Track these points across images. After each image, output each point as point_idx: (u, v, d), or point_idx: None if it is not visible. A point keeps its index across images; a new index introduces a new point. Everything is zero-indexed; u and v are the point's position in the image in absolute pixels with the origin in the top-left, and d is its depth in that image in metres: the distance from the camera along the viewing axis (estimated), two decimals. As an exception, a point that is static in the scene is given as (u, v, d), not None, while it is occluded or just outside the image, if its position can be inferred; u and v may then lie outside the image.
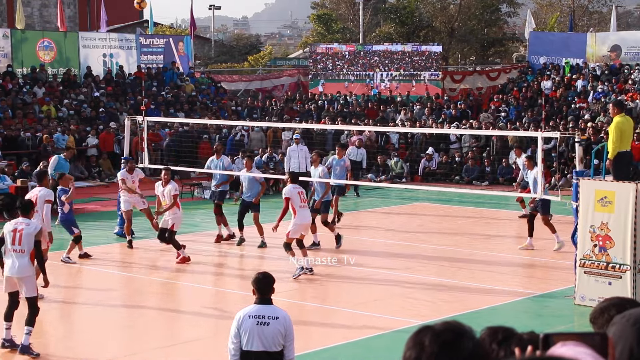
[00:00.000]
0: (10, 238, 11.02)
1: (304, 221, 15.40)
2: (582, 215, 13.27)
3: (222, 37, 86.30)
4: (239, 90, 42.96)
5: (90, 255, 17.08)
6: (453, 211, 23.99)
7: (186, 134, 31.52)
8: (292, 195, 15.27)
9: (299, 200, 15.26)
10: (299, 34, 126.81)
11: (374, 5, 55.05)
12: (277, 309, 7.62)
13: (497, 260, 17.10)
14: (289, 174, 16.51)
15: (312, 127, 30.69)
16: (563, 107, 33.27)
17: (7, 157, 26.60)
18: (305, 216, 15.48)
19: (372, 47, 43.47)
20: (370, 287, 15.11)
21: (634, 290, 12.76)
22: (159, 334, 12.59)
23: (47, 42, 35.16)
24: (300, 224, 15.30)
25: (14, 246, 10.98)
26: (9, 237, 11.04)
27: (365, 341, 11.79)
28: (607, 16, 50.03)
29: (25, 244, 10.95)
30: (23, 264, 10.92)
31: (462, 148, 31.41)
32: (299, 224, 15.26)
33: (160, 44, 39.24)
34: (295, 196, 15.26)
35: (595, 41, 37.50)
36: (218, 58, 61.46)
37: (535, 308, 13.66)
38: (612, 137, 13.64)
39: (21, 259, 10.92)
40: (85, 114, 32.46)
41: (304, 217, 15.41)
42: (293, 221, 15.28)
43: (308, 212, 15.77)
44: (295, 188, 15.40)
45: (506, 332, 2.95)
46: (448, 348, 2.50)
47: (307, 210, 15.76)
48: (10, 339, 11.25)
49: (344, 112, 36.19)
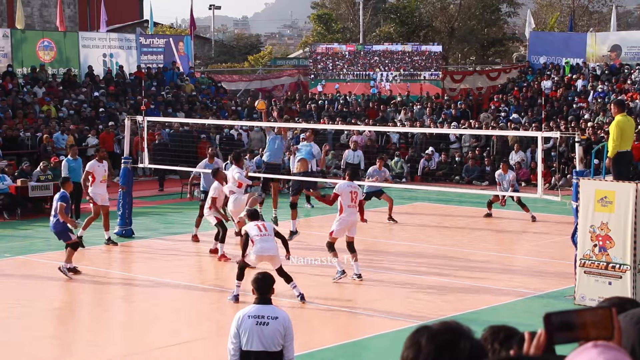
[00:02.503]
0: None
1: (349, 219, 15.01)
2: (582, 215, 13.26)
3: (222, 37, 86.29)
4: (239, 90, 42.96)
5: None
6: (453, 211, 23.98)
7: (186, 134, 31.52)
8: (344, 193, 14.98)
9: (349, 199, 14.94)
10: (299, 34, 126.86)
11: (374, 5, 55.05)
12: (277, 309, 7.62)
13: (497, 260, 17.10)
14: (348, 170, 16.23)
15: (311, 127, 30.64)
16: (563, 107, 33.28)
17: (7, 157, 26.59)
18: (351, 216, 15.09)
19: (372, 47, 43.48)
20: (370, 287, 15.10)
21: (634, 290, 12.75)
22: (159, 334, 12.59)
23: (47, 42, 35.15)
24: (345, 223, 14.96)
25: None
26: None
27: (365, 341, 11.79)
28: (607, 16, 50.03)
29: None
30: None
31: (462, 148, 31.42)
32: (344, 221, 14.94)
33: (160, 44, 39.23)
34: (347, 195, 14.95)
35: (595, 41, 37.50)
36: (218, 58, 61.47)
37: (535, 308, 13.65)
38: (612, 136, 13.62)
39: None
40: (85, 114, 32.45)
41: (350, 216, 15.03)
42: (338, 218, 15.03)
43: (355, 213, 15.39)
44: (350, 186, 15.09)
45: (508, 332, 2.95)
46: (445, 348, 2.49)
47: (355, 211, 15.37)
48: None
49: (343, 112, 36.21)
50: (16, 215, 22.38)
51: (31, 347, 11.51)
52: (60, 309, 13.81)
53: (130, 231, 19.47)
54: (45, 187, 22.86)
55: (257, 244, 13.22)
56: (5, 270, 16.35)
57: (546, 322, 2.51)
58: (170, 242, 19.10)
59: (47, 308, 13.75)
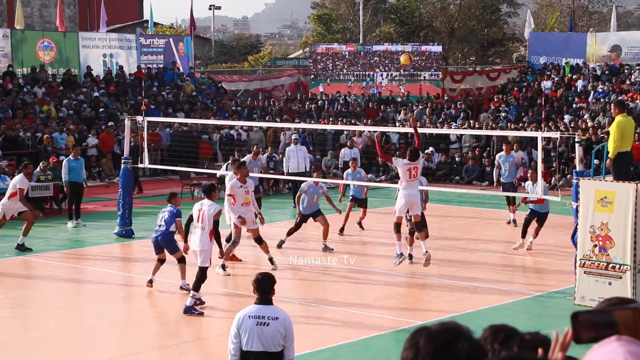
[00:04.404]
0: (196, 216, 13.07)
1: (408, 196, 14.86)
2: (582, 215, 13.26)
3: (222, 37, 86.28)
4: (239, 91, 42.96)
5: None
6: (453, 211, 23.97)
7: (186, 134, 31.54)
8: (402, 168, 14.86)
9: (407, 175, 14.81)
10: (299, 34, 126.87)
11: (374, 5, 55.04)
12: (277, 310, 7.61)
13: (497, 260, 17.10)
14: (410, 149, 15.41)
15: (312, 127, 30.71)
16: (563, 107, 33.28)
17: (7, 157, 26.60)
18: (411, 191, 14.89)
19: (372, 47, 43.48)
20: (370, 287, 15.10)
21: (634, 291, 12.75)
22: (158, 334, 12.59)
23: (47, 42, 35.16)
24: (405, 198, 14.88)
25: (198, 223, 13.01)
26: (195, 216, 13.10)
27: (365, 341, 11.78)
28: (607, 16, 50.03)
29: (206, 223, 12.94)
30: (204, 239, 12.93)
31: (462, 148, 31.42)
32: (403, 195, 14.89)
33: (161, 44, 39.23)
34: (405, 171, 14.84)
35: (595, 41, 37.50)
36: (218, 58, 61.47)
37: (535, 308, 13.65)
38: (613, 136, 13.61)
39: (203, 235, 12.94)
40: (85, 114, 32.45)
41: (410, 191, 14.87)
42: (398, 194, 15.12)
43: (416, 190, 15.02)
44: (407, 164, 14.85)
45: (508, 332, 2.95)
46: (443, 349, 2.50)
47: (415, 187, 15.03)
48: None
49: (343, 112, 36.21)
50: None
51: (31, 347, 11.51)
52: (60, 309, 13.80)
53: (130, 231, 19.46)
54: (45, 187, 22.86)
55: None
56: (5, 270, 16.35)
57: (574, 321, 2.50)
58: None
59: (47, 308, 13.75)
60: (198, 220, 13.08)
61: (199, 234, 13.02)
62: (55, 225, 21.30)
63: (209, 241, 12.95)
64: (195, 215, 13.09)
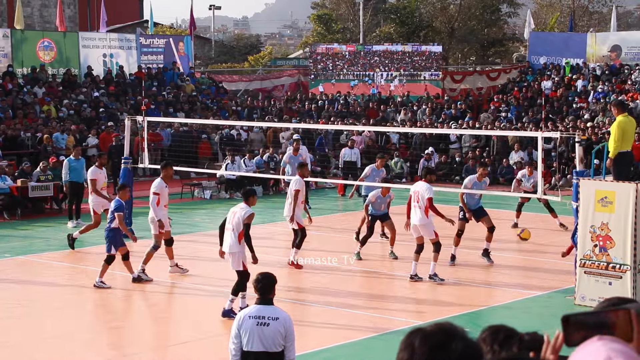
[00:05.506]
0: (229, 219, 12.96)
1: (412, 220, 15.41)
2: (582, 215, 13.26)
3: (222, 37, 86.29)
4: (239, 91, 42.96)
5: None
6: (453, 211, 23.92)
7: (186, 134, 31.54)
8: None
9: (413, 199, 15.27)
10: (299, 34, 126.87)
11: (374, 5, 55.04)
12: (278, 310, 7.61)
13: (497, 260, 17.09)
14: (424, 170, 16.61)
15: (312, 127, 30.71)
16: (563, 107, 33.27)
17: (7, 157, 26.59)
18: (413, 217, 15.31)
19: (372, 47, 43.48)
20: (371, 286, 15.10)
21: (634, 291, 12.76)
22: (158, 334, 12.59)
23: (47, 42, 35.16)
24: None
25: (229, 225, 12.87)
26: (229, 218, 12.98)
27: (365, 341, 11.78)
28: (607, 16, 50.03)
29: (235, 225, 12.72)
30: (233, 242, 12.75)
31: (462, 148, 31.41)
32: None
33: (161, 44, 39.23)
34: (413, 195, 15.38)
35: (595, 41, 37.50)
36: (218, 58, 61.47)
37: (535, 308, 13.65)
38: (613, 136, 13.61)
39: (232, 237, 12.75)
40: (85, 114, 32.45)
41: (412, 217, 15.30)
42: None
43: (415, 214, 15.28)
44: (414, 186, 15.59)
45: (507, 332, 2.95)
46: (438, 349, 2.50)
47: (415, 211, 15.25)
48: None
49: (343, 112, 36.21)
50: (16, 215, 22.37)
51: (31, 347, 11.51)
52: (61, 309, 13.80)
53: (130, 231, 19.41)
54: (45, 187, 22.86)
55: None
56: (5, 270, 16.35)
57: (564, 324, 2.50)
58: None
59: (47, 308, 13.75)
60: (230, 223, 13.05)
61: (229, 236, 12.97)
62: (55, 225, 21.30)
63: (238, 244, 12.80)
64: (229, 218, 13.01)
